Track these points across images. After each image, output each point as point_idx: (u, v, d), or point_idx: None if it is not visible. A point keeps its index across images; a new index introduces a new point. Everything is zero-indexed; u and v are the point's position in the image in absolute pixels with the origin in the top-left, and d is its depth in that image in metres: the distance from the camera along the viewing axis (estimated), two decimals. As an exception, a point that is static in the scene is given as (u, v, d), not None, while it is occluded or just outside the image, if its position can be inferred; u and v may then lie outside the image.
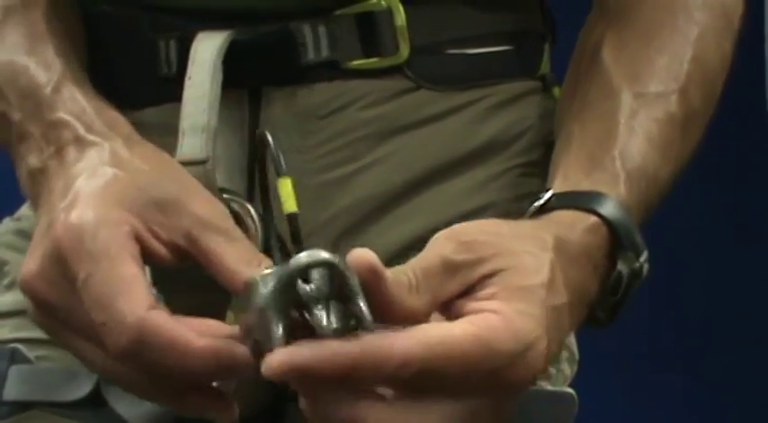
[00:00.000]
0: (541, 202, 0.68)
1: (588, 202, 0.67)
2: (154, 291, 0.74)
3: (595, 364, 1.01)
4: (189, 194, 0.65)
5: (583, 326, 0.67)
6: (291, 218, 0.66)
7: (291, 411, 0.79)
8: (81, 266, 0.61)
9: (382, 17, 0.75)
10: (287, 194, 0.67)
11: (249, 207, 0.73)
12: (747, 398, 2.10)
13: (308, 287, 0.56)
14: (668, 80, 0.73)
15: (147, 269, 0.73)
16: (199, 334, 0.59)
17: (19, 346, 0.78)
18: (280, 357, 0.54)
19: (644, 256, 0.67)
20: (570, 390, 0.77)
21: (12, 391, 0.77)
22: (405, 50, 0.76)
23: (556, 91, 0.82)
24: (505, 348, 0.57)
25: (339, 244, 0.74)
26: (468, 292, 0.59)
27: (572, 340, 0.83)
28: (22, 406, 0.77)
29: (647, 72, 0.73)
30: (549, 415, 0.75)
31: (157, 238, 0.64)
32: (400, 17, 0.75)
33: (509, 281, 0.59)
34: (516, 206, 0.76)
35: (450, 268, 0.59)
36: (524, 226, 0.65)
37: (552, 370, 0.79)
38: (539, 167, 0.79)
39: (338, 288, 0.56)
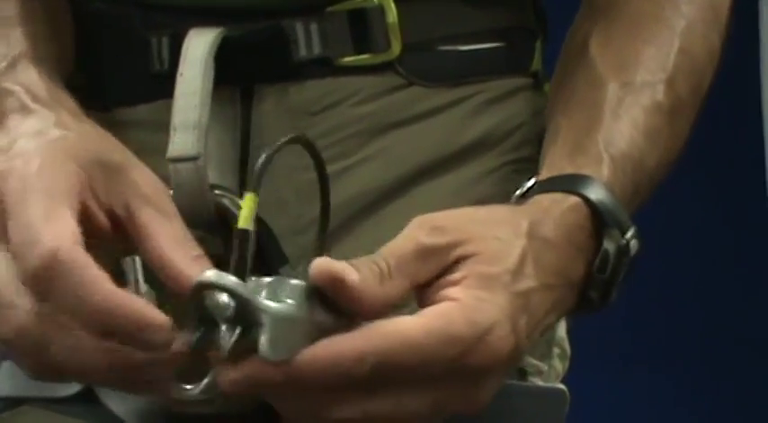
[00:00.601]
0: (523, 190, 0.69)
1: (568, 185, 0.67)
2: (145, 287, 0.74)
3: (587, 361, 1.01)
4: (132, 165, 0.64)
5: (578, 309, 0.67)
6: (240, 234, 0.64)
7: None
8: (14, 194, 0.59)
9: (374, 14, 0.75)
10: (246, 209, 0.66)
11: (241, 204, 0.73)
12: (743, 397, 2.10)
13: (211, 305, 0.57)
14: (655, 70, 0.73)
15: (139, 265, 0.74)
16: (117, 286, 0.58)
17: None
18: (230, 376, 0.56)
19: (630, 233, 0.67)
20: (562, 386, 0.77)
21: (4, 387, 0.77)
22: (396, 47, 0.76)
23: (547, 88, 0.82)
24: (460, 335, 0.57)
25: (331, 240, 0.74)
26: (442, 274, 0.60)
27: (564, 337, 0.83)
28: (14, 401, 0.77)
29: (633, 62, 0.74)
30: (540, 411, 0.75)
31: (97, 199, 0.62)
32: (392, 14, 0.75)
33: (474, 267, 0.60)
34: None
35: (423, 252, 0.60)
36: (500, 211, 0.65)
37: (544, 366, 0.80)
38: (531, 164, 0.79)
39: (243, 313, 0.56)
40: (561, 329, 0.82)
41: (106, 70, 0.79)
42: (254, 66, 0.75)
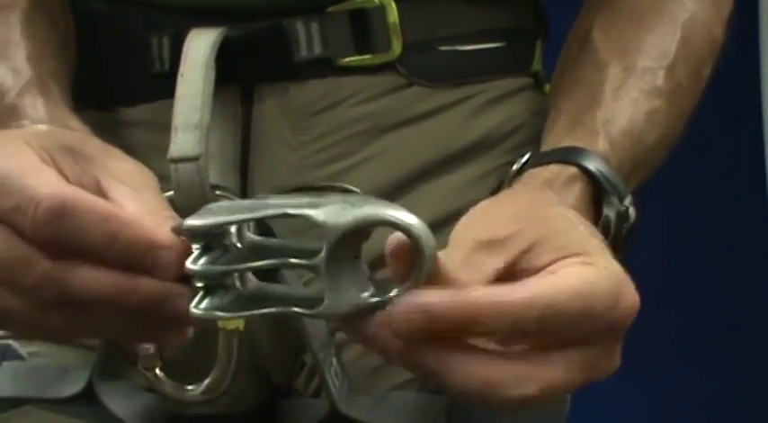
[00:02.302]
0: (519, 165, 0.69)
1: (565, 156, 0.67)
2: None
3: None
4: (109, 155, 0.62)
5: None
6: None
7: (283, 408, 0.79)
8: None
9: (375, 14, 0.75)
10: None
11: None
12: (745, 397, 2.10)
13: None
14: (656, 57, 0.74)
15: None
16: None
17: (11, 342, 0.78)
18: (408, 299, 0.52)
19: (628, 200, 0.67)
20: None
21: (5, 387, 0.77)
22: (397, 47, 0.76)
23: (547, 88, 0.82)
24: (609, 287, 0.55)
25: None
26: (525, 270, 0.56)
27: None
28: (15, 402, 0.77)
29: (635, 49, 0.74)
30: (541, 413, 0.75)
31: (66, 178, 0.59)
32: (393, 14, 0.75)
33: (562, 243, 0.57)
34: None
35: (484, 246, 0.56)
36: (522, 192, 0.64)
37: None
38: (531, 164, 0.79)
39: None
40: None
41: (106, 70, 0.79)
42: (254, 66, 0.75)
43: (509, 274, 0.56)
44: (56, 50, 0.75)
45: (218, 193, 0.73)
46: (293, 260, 0.53)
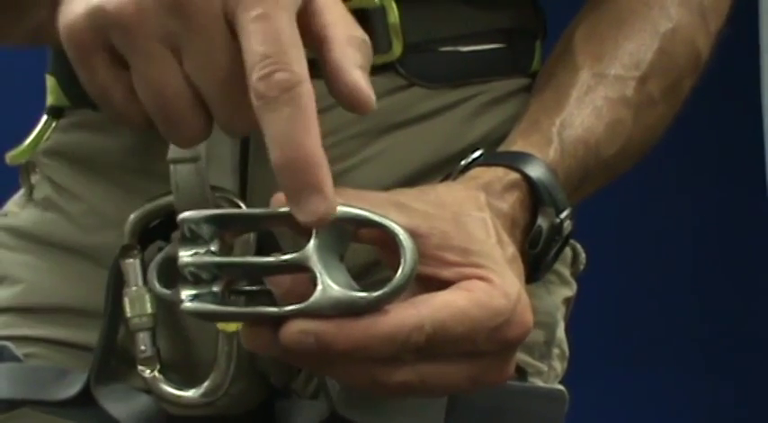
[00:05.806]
0: (468, 160, 0.70)
1: (511, 160, 0.68)
2: (144, 289, 0.74)
3: (585, 361, 1.01)
4: None
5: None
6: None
7: (281, 410, 0.79)
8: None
9: (375, 14, 0.75)
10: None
11: (242, 205, 0.73)
12: (743, 397, 2.11)
13: None
14: (629, 66, 0.74)
15: (139, 267, 0.73)
16: None
17: (7, 343, 0.78)
18: (300, 326, 0.54)
19: (565, 213, 0.68)
20: (561, 387, 0.77)
21: (1, 390, 0.77)
22: (397, 48, 0.75)
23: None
24: (500, 307, 0.57)
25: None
26: (427, 263, 0.59)
27: (562, 337, 0.83)
28: (12, 404, 0.76)
29: (610, 56, 0.74)
30: (540, 412, 0.75)
31: None
32: (393, 14, 0.75)
33: (468, 248, 0.59)
34: None
35: (400, 207, 0.59)
36: (457, 188, 0.65)
37: (543, 367, 0.80)
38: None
39: None
40: (560, 330, 0.83)
41: None
42: None
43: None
44: None
45: (217, 194, 0.72)
46: (284, 257, 0.55)
